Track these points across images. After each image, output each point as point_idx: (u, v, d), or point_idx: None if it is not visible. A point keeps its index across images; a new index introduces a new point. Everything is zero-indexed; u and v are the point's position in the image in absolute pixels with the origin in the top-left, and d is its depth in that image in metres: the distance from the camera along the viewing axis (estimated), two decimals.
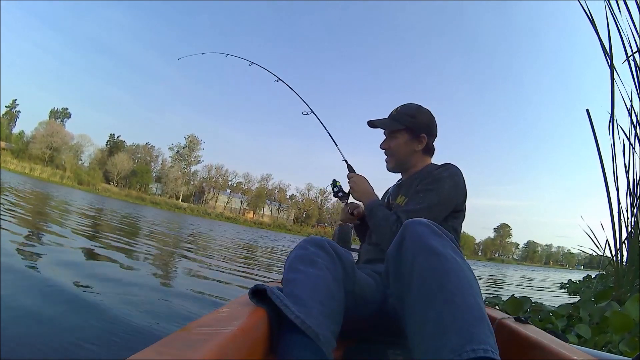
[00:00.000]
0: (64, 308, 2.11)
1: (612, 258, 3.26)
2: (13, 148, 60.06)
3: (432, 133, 1.73)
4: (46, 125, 65.39)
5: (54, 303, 2.15)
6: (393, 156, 1.75)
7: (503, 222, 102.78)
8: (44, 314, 1.96)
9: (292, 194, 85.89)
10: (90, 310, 2.15)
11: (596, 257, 4.70)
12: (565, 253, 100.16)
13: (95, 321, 2.00)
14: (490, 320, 0.84)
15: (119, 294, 2.60)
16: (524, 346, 1.04)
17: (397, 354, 1.14)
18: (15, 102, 66.99)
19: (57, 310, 2.05)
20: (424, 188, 1.53)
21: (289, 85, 2.21)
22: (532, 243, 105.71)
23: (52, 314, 1.99)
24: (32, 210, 7.90)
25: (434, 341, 0.80)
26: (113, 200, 38.58)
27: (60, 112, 71.62)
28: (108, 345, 1.72)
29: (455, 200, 1.55)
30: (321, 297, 0.95)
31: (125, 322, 2.06)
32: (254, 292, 0.94)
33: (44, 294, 2.27)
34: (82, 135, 69.91)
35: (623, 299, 2.57)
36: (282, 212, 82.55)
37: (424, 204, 1.47)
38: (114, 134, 78.83)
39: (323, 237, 1.18)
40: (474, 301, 0.83)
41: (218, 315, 0.84)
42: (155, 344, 0.61)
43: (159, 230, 11.34)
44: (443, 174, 1.54)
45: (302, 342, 0.85)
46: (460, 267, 0.90)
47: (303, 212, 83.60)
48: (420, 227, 0.99)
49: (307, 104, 2.09)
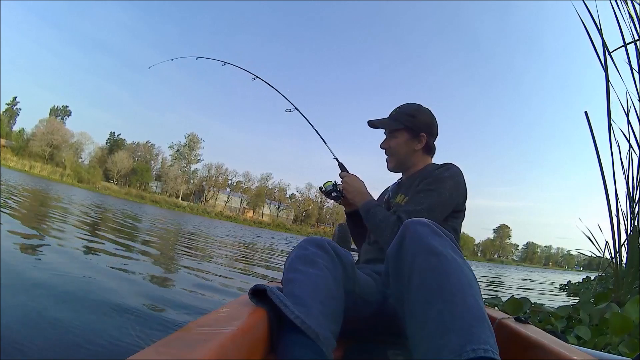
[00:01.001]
0: (63, 308, 2.10)
1: (612, 260, 3.26)
2: (13, 145, 60.03)
3: (433, 132, 1.72)
4: (46, 122, 65.40)
5: (53, 303, 2.14)
6: (393, 156, 1.75)
7: (502, 223, 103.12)
8: (44, 314, 1.95)
9: (292, 194, 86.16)
10: (90, 310, 2.15)
11: (595, 259, 4.70)
12: (565, 254, 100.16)
13: (95, 321, 2.00)
14: (491, 320, 0.84)
15: (118, 294, 2.59)
16: (524, 346, 1.04)
17: (397, 354, 1.14)
18: (16, 100, 66.99)
19: (57, 310, 2.04)
20: (425, 188, 1.51)
21: (268, 83, 2.19)
22: (531, 244, 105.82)
23: (52, 314, 1.98)
24: (31, 208, 7.89)
25: (434, 341, 0.80)
26: (113, 199, 38.53)
27: (61, 109, 71.65)
28: (108, 345, 1.72)
29: (456, 201, 1.55)
30: (321, 297, 0.96)
31: (125, 322, 2.06)
32: (253, 292, 0.94)
33: (43, 294, 2.27)
34: (82, 133, 69.98)
35: (622, 301, 2.57)
36: (282, 212, 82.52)
37: (425, 205, 1.45)
38: (114, 132, 78.95)
39: (323, 237, 1.18)
40: (474, 301, 0.84)
41: (218, 315, 0.84)
42: (155, 344, 0.61)
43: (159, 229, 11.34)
44: (444, 174, 1.54)
45: (302, 342, 0.86)
46: (460, 267, 0.90)
47: (303, 212, 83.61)
48: (421, 227, 0.99)
49: (289, 101, 2.07)
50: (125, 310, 2.25)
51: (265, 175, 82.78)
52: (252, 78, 2.24)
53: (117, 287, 2.79)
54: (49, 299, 2.18)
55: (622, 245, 3.16)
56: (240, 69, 2.33)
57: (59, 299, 2.23)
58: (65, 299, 2.26)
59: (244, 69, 2.29)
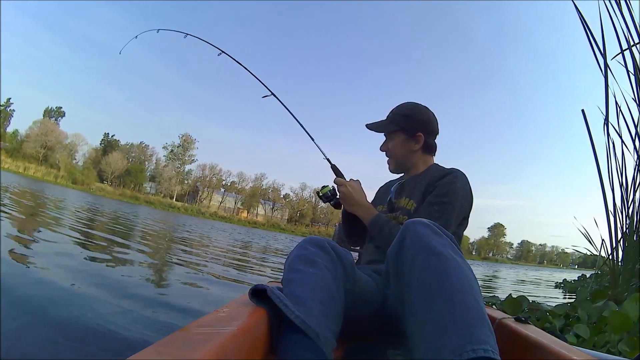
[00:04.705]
0: (63, 308, 2.09)
1: (608, 257, 3.27)
2: (7, 147, 59.69)
3: (430, 130, 1.68)
4: (40, 124, 65.05)
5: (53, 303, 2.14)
6: (392, 157, 1.73)
7: (497, 221, 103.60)
8: (44, 314, 1.95)
9: (286, 194, 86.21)
10: (90, 310, 2.14)
11: (590, 257, 4.72)
12: (560, 252, 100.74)
13: (94, 321, 1.99)
14: (491, 320, 0.84)
15: (117, 294, 2.59)
16: (524, 346, 1.04)
17: (397, 354, 1.14)
18: (10, 101, 66.53)
19: (56, 310, 2.04)
20: (438, 201, 1.47)
21: (234, 59, 2.10)
22: (526, 242, 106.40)
23: (52, 314, 1.98)
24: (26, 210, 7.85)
25: (434, 341, 0.80)
26: (107, 200, 38.44)
27: (55, 110, 71.21)
28: (108, 345, 1.71)
29: (465, 211, 1.54)
30: (321, 297, 0.96)
31: (125, 322, 2.05)
32: (254, 292, 0.94)
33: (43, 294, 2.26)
34: (76, 135, 69.64)
35: (620, 299, 2.58)
36: (276, 212, 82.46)
37: (442, 220, 1.40)
38: (108, 133, 78.70)
39: (324, 237, 1.18)
40: (474, 301, 0.84)
41: (218, 315, 0.84)
42: (155, 344, 0.61)
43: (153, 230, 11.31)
44: (455, 185, 1.50)
45: (302, 342, 0.86)
46: (460, 267, 0.90)
47: (297, 212, 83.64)
48: (421, 227, 0.99)
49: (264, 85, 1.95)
50: (125, 310, 2.25)
51: (260, 175, 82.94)
52: (218, 53, 2.13)
53: (117, 287, 2.78)
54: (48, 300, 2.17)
55: (618, 243, 3.18)
56: (204, 41, 2.20)
57: (58, 299, 2.22)
58: (64, 299, 2.25)
59: (209, 43, 2.16)
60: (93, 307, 2.20)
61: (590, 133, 3.04)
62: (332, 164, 1.73)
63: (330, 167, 1.74)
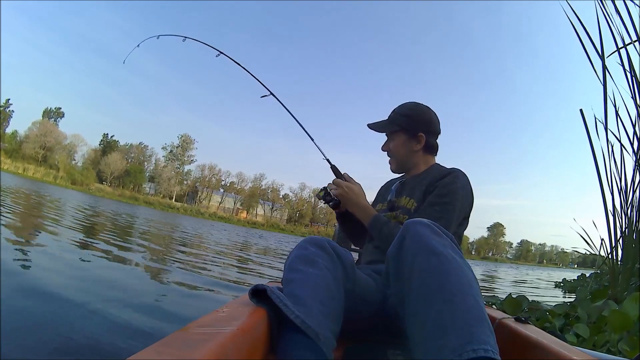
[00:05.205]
0: (63, 308, 2.09)
1: (607, 257, 3.27)
2: (6, 148, 59.60)
3: (431, 130, 1.68)
4: (39, 124, 64.95)
5: (53, 303, 2.14)
6: (394, 157, 1.72)
7: (496, 221, 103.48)
8: (44, 315, 1.95)
9: (286, 194, 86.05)
10: (90, 310, 2.14)
11: (590, 256, 4.72)
12: (559, 252, 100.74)
13: (95, 321, 1.99)
14: (491, 320, 0.84)
15: (117, 294, 2.59)
16: (524, 346, 1.04)
17: (397, 354, 1.14)
18: (9, 102, 66.43)
19: (57, 310, 2.04)
20: (439, 201, 1.46)
21: (233, 59, 2.09)
22: (525, 242, 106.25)
23: (52, 314, 1.98)
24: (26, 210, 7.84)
25: (434, 341, 0.80)
26: (106, 200, 38.42)
27: (54, 111, 71.08)
28: (108, 345, 1.71)
29: (465, 211, 1.53)
30: (321, 297, 0.95)
31: (125, 322, 2.05)
32: (254, 292, 0.94)
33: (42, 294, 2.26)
34: (76, 135, 69.61)
35: (620, 298, 2.58)
36: (276, 212, 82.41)
37: (442, 221, 1.38)
38: (107, 134, 78.46)
39: (324, 237, 1.18)
40: (474, 301, 0.84)
41: (218, 315, 0.84)
42: (155, 344, 0.61)
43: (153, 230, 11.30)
44: (456, 185, 1.49)
45: (302, 342, 0.85)
46: (461, 267, 0.90)
47: (296, 212, 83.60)
48: (421, 227, 0.98)
49: (263, 85, 1.92)
50: (125, 310, 2.25)
51: (259, 175, 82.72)
52: (216, 54, 2.15)
53: (116, 287, 2.78)
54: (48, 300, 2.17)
55: (618, 242, 3.18)
56: (203, 43, 2.20)
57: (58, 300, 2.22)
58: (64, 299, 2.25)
59: (207, 44, 2.17)
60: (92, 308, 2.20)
61: (589, 132, 3.04)
62: (331, 164, 1.70)
63: (330, 168, 1.70)
